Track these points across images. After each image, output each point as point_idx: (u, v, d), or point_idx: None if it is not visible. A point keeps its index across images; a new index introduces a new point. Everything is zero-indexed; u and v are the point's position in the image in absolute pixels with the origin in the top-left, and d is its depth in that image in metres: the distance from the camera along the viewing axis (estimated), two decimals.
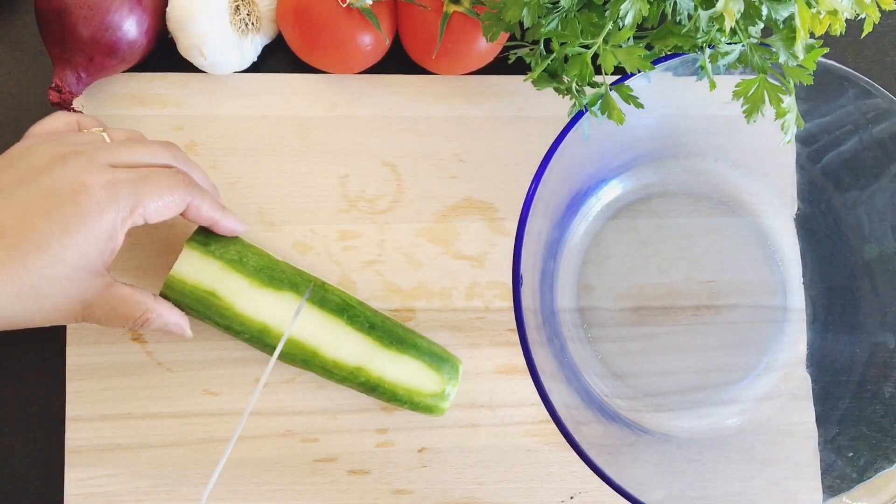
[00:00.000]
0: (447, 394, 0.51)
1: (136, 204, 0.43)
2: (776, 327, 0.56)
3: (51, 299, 0.42)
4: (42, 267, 0.41)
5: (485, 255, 0.55)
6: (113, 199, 0.42)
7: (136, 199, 0.43)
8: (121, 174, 0.43)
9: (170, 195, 0.44)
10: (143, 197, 0.43)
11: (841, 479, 0.50)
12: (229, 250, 0.49)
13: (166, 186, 0.44)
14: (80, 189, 0.42)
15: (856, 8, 0.44)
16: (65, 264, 0.41)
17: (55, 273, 0.41)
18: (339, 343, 0.49)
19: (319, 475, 0.52)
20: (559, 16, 0.44)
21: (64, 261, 0.41)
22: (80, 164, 0.43)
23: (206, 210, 0.47)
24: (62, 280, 0.42)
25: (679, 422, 0.55)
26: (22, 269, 0.41)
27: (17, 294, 0.41)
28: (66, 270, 0.42)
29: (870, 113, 0.49)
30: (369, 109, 0.56)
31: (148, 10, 0.51)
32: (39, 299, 0.42)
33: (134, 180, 0.43)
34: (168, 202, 0.44)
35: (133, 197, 0.43)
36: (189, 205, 0.46)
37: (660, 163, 0.56)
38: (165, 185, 0.44)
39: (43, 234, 0.41)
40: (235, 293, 0.48)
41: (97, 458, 0.51)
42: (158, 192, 0.44)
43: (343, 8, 0.51)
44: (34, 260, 0.41)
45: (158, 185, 0.44)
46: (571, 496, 0.54)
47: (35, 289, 0.41)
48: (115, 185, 0.42)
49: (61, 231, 0.41)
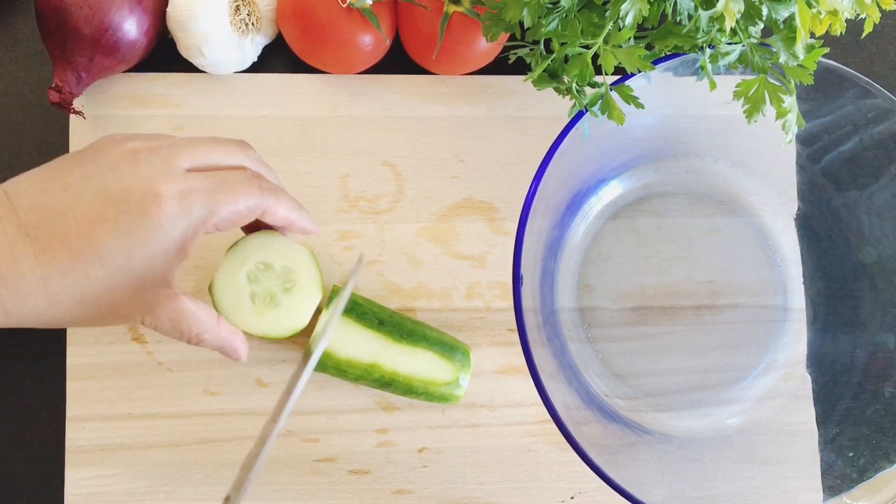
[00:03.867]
0: (461, 381, 0.51)
1: (209, 214, 0.41)
2: (776, 327, 0.56)
3: (112, 308, 0.40)
4: (105, 278, 0.39)
5: (485, 255, 0.55)
6: (186, 212, 0.40)
7: (210, 210, 0.41)
8: (195, 182, 0.41)
9: (245, 202, 0.42)
10: (217, 206, 0.41)
11: (841, 479, 0.50)
12: None
13: (242, 194, 0.42)
14: (151, 198, 0.39)
15: (856, 8, 0.44)
16: (129, 277, 0.40)
17: (119, 285, 0.40)
18: (351, 342, 0.50)
19: (319, 475, 0.53)
20: (559, 16, 0.44)
21: (129, 273, 0.40)
22: (153, 168, 0.40)
23: (283, 212, 0.44)
24: (126, 291, 0.40)
25: (679, 422, 0.55)
26: (85, 280, 0.39)
27: (78, 303, 0.40)
28: (131, 282, 0.40)
29: (870, 113, 0.49)
30: (369, 109, 0.56)
31: (148, 10, 0.51)
32: (100, 307, 0.40)
33: (208, 189, 0.41)
34: (242, 209, 0.42)
35: (207, 207, 0.40)
36: (265, 210, 0.43)
37: (660, 163, 0.56)
38: (241, 192, 0.42)
39: (109, 246, 0.39)
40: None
41: (97, 458, 0.51)
42: (233, 200, 0.41)
43: (343, 8, 0.51)
44: (97, 271, 0.39)
45: (234, 192, 0.42)
46: (571, 496, 0.54)
47: (97, 299, 0.40)
48: (189, 195, 0.40)
49: (128, 244, 0.39)
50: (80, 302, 0.40)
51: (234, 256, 0.47)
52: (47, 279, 0.39)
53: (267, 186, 0.44)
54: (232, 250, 0.47)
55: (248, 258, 0.47)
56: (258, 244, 0.48)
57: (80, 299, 0.40)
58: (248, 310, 0.47)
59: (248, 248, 0.47)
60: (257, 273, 0.47)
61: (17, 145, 0.54)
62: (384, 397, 0.53)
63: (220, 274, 0.47)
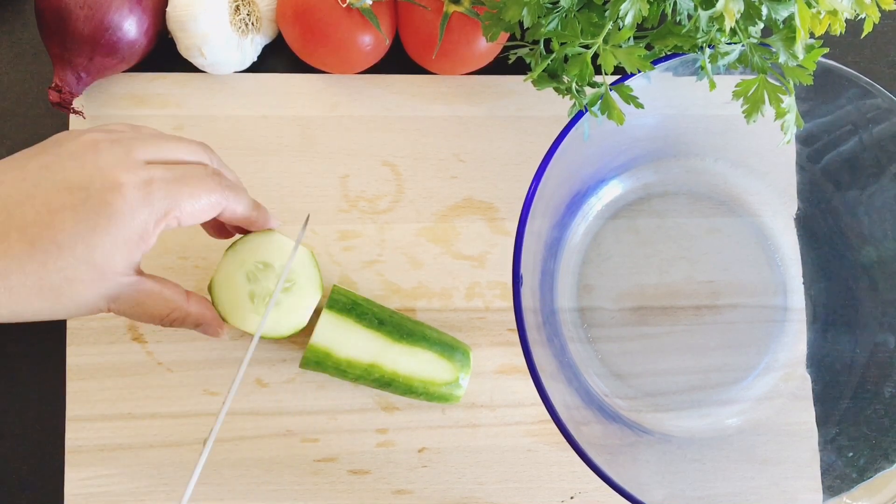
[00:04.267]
0: (461, 381, 0.52)
1: (171, 206, 0.40)
2: (776, 327, 0.56)
3: (72, 298, 0.39)
4: (64, 268, 0.38)
5: (485, 255, 0.55)
6: (147, 201, 0.39)
7: (172, 201, 0.40)
8: (156, 172, 0.40)
9: (207, 198, 0.42)
10: (179, 199, 0.40)
11: (841, 479, 0.50)
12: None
13: (204, 189, 0.42)
14: (112, 186, 0.39)
15: (856, 8, 0.44)
16: (89, 266, 0.39)
17: (78, 275, 0.39)
18: (351, 342, 0.50)
19: (319, 475, 0.52)
20: (559, 16, 0.44)
21: (88, 262, 0.39)
22: (114, 157, 0.40)
23: (243, 211, 0.44)
24: (85, 281, 0.39)
25: (679, 422, 0.55)
26: (42, 270, 0.38)
27: (36, 292, 0.39)
28: (91, 272, 0.39)
29: (870, 113, 0.49)
30: (369, 109, 0.56)
31: (148, 10, 0.51)
32: (60, 297, 0.39)
33: (170, 180, 0.40)
34: (204, 205, 0.42)
35: (168, 199, 0.40)
36: (225, 208, 0.43)
37: (660, 163, 0.56)
38: (203, 187, 0.42)
39: (68, 234, 0.38)
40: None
41: (97, 458, 0.51)
42: (195, 194, 0.41)
43: (343, 8, 0.51)
44: (56, 260, 0.38)
45: (195, 186, 0.41)
46: (571, 496, 0.54)
47: (56, 289, 0.39)
48: (150, 184, 0.39)
49: (87, 231, 0.38)
50: (38, 293, 0.39)
51: (232, 256, 0.47)
52: (5, 270, 0.38)
53: (227, 184, 0.43)
54: (231, 250, 0.47)
55: (246, 258, 0.47)
56: (257, 244, 0.48)
57: (38, 290, 0.39)
58: (248, 309, 0.47)
59: (247, 247, 0.47)
60: (256, 272, 0.47)
61: (17, 145, 0.54)
62: (384, 397, 0.53)
63: (218, 274, 0.47)
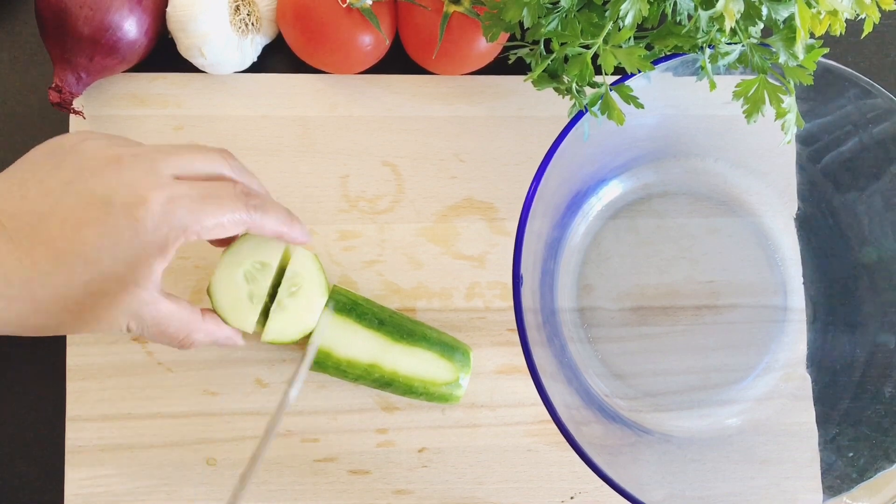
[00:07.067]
0: (461, 381, 0.51)
1: (193, 222, 0.40)
2: (776, 327, 0.56)
3: (96, 313, 0.40)
4: (89, 281, 0.39)
5: (485, 255, 0.55)
6: (171, 216, 0.39)
7: (195, 218, 0.40)
8: (181, 189, 0.40)
9: (230, 215, 0.42)
10: (201, 216, 0.40)
11: (841, 479, 0.50)
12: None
13: (228, 208, 0.41)
14: (138, 202, 0.39)
15: (856, 8, 0.44)
16: (113, 279, 0.39)
17: (102, 288, 0.39)
18: (351, 342, 0.50)
19: (319, 475, 0.53)
20: (559, 16, 0.44)
21: (112, 276, 0.39)
22: (138, 172, 0.40)
23: (271, 226, 0.44)
24: (108, 295, 0.40)
25: (679, 422, 0.55)
26: (69, 283, 0.39)
27: (62, 306, 0.39)
28: (115, 285, 0.39)
29: (870, 113, 0.49)
30: (369, 109, 0.56)
31: (148, 10, 0.51)
32: (84, 312, 0.40)
33: (194, 198, 0.40)
34: (226, 223, 0.41)
35: (192, 216, 0.40)
36: (249, 227, 0.43)
37: (660, 163, 0.56)
38: (228, 205, 0.42)
39: (93, 248, 0.38)
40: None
41: (97, 458, 0.51)
42: (219, 212, 0.41)
43: (343, 8, 0.51)
44: (81, 274, 0.39)
45: (220, 205, 0.41)
46: (571, 496, 0.54)
47: (80, 303, 0.39)
48: (175, 201, 0.40)
49: (112, 245, 0.39)
50: (63, 306, 0.39)
51: (230, 257, 0.47)
52: (31, 282, 0.38)
53: (255, 204, 0.43)
54: (228, 251, 0.47)
55: (244, 258, 0.47)
56: (255, 243, 0.47)
57: (63, 303, 0.39)
58: (248, 310, 0.47)
59: (245, 247, 0.47)
60: (255, 272, 0.47)
61: (17, 145, 0.54)
62: (384, 397, 0.53)
63: (217, 275, 0.47)
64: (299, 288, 0.49)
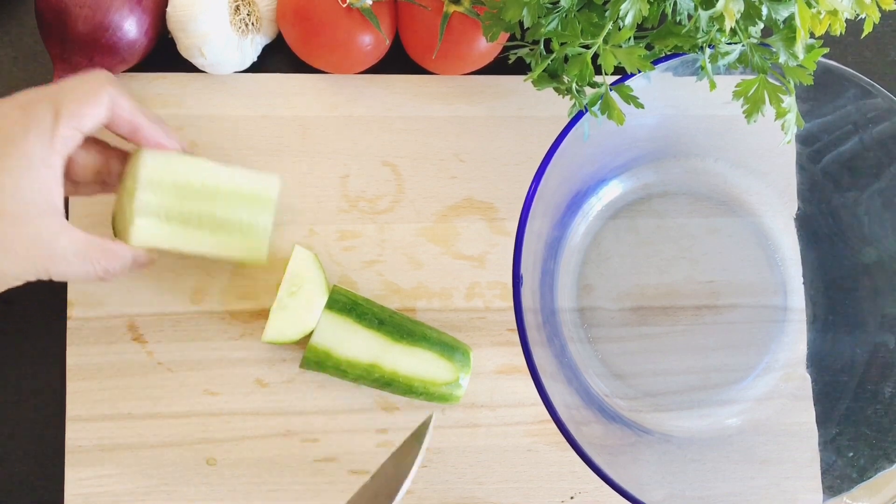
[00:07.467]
0: (461, 381, 0.52)
1: (55, 111, 0.41)
2: (776, 327, 0.56)
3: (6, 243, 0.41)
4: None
5: (485, 255, 0.55)
6: (32, 115, 0.41)
7: (55, 106, 0.41)
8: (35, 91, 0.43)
9: (87, 88, 0.43)
10: (60, 101, 0.42)
11: (841, 479, 0.50)
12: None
13: (82, 82, 0.43)
14: (1, 117, 0.41)
15: (856, 8, 0.44)
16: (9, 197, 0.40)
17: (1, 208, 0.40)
18: (351, 342, 0.50)
19: (319, 475, 0.52)
20: (559, 16, 0.44)
21: (6, 192, 0.40)
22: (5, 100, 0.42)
23: (128, 107, 0.44)
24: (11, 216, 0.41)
25: (679, 422, 0.55)
26: None
27: None
28: (12, 205, 0.41)
29: (870, 113, 0.49)
30: (369, 109, 0.56)
31: (148, 10, 0.51)
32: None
33: (50, 89, 0.42)
34: (88, 96, 0.42)
35: (50, 104, 0.41)
36: (112, 100, 0.44)
37: (660, 163, 0.56)
38: (81, 81, 0.43)
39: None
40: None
41: (97, 458, 0.51)
42: (74, 90, 0.42)
43: (343, 8, 0.51)
44: None
45: (74, 82, 0.43)
46: (571, 496, 0.54)
47: None
48: (31, 102, 0.42)
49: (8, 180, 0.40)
50: None
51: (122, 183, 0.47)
52: None
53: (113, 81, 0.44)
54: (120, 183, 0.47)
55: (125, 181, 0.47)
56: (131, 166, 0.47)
57: None
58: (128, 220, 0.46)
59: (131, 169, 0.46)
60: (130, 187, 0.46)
61: None
62: (384, 397, 0.53)
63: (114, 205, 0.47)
64: (299, 288, 0.49)
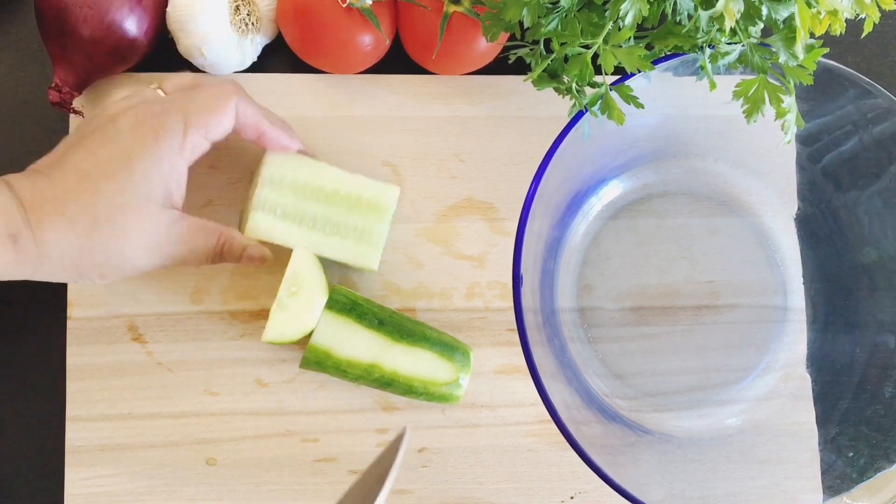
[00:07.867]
0: (461, 381, 0.52)
1: (186, 120, 0.45)
2: (776, 327, 0.56)
3: (126, 231, 0.43)
4: (112, 193, 0.43)
5: (485, 255, 0.55)
6: (164, 125, 0.44)
7: (185, 115, 0.45)
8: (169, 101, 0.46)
9: (216, 100, 0.46)
10: (190, 111, 0.45)
11: (841, 479, 0.50)
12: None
13: (212, 94, 0.46)
14: (136, 123, 0.44)
15: (856, 8, 0.44)
16: (133, 193, 0.43)
17: (125, 201, 0.43)
18: (351, 342, 0.50)
19: (319, 475, 0.53)
20: (559, 16, 0.44)
21: (131, 188, 0.43)
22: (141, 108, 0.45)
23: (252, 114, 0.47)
24: (133, 208, 0.43)
25: (679, 422, 0.55)
26: (95, 197, 0.43)
27: (92, 222, 0.43)
28: (136, 199, 0.43)
29: (870, 113, 0.49)
30: (369, 109, 0.56)
31: (148, 10, 0.51)
32: (116, 230, 0.43)
33: (181, 98, 0.46)
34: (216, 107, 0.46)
35: (181, 113, 0.45)
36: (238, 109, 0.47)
37: (660, 163, 0.56)
38: (211, 92, 0.46)
39: (110, 164, 0.43)
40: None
41: (97, 458, 0.51)
42: (205, 101, 0.46)
43: (343, 8, 0.51)
44: (105, 185, 0.43)
45: (204, 94, 0.46)
46: (571, 496, 0.54)
47: (110, 219, 0.43)
48: (164, 111, 0.45)
49: (125, 160, 0.43)
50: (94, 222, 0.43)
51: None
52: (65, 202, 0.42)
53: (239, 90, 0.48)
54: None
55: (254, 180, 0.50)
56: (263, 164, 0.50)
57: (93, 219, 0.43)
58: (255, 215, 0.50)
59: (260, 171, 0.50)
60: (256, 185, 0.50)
61: (17, 145, 0.54)
62: (384, 397, 0.53)
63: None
64: (299, 288, 0.49)
